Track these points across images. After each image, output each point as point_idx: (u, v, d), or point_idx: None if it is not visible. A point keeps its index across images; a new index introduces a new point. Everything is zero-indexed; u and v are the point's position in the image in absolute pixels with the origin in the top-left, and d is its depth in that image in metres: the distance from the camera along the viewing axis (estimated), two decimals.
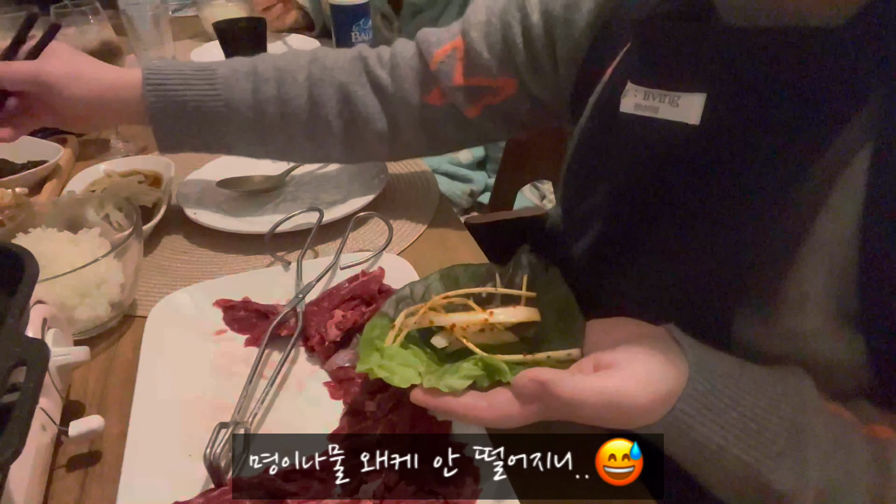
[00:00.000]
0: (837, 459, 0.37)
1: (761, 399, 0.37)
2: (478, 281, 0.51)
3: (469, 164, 1.69)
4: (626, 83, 0.50)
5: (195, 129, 0.67)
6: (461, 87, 0.65)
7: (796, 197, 0.40)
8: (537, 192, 1.45)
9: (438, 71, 0.65)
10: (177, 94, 0.65)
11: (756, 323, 0.42)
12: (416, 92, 0.67)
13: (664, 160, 0.47)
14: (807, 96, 0.40)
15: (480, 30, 0.64)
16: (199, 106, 0.65)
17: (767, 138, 0.41)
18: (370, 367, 0.42)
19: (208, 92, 0.65)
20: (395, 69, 0.67)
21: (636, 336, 0.40)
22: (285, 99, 0.67)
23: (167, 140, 0.67)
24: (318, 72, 0.68)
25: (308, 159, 0.78)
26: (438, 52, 0.65)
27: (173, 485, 0.43)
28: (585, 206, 0.57)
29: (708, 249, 0.45)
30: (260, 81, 0.66)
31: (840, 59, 0.38)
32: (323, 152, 0.72)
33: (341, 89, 0.68)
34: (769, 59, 0.40)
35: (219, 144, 0.69)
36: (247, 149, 0.71)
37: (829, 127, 0.39)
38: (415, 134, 0.70)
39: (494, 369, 0.41)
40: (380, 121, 0.69)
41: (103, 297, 0.57)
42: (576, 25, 0.59)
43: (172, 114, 0.65)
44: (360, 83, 0.68)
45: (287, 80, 0.67)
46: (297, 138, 0.69)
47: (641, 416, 0.37)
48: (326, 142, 0.70)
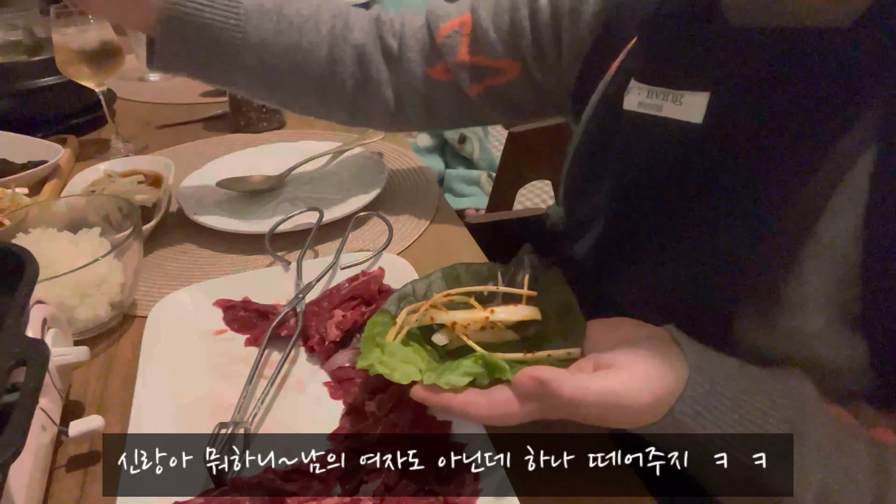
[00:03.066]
0: (838, 462, 0.37)
1: (761, 401, 0.37)
2: (479, 279, 0.51)
3: (427, 147, 1.69)
4: (630, 80, 0.50)
5: (203, 53, 0.64)
6: (465, 63, 0.65)
7: (799, 197, 0.40)
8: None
9: (444, 45, 0.65)
10: (195, 10, 0.61)
11: (757, 324, 0.42)
12: (421, 64, 0.67)
13: (667, 159, 0.47)
14: (811, 97, 0.39)
15: (489, 8, 0.64)
16: (216, 30, 0.62)
17: (771, 139, 0.41)
18: (371, 363, 0.42)
19: (230, 19, 0.63)
20: (402, 38, 0.67)
21: (636, 336, 0.40)
22: (306, 48, 0.65)
23: (167, 56, 0.64)
24: (341, 28, 0.67)
25: (308, 113, 0.75)
26: (445, 26, 0.65)
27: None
28: (587, 205, 0.57)
29: (709, 249, 0.45)
30: (283, 23, 0.64)
31: (844, 61, 0.38)
32: (326, 110, 0.71)
33: (358, 50, 0.67)
34: (773, 59, 0.40)
35: (220, 76, 0.67)
36: (249, 88, 0.69)
37: (832, 128, 0.39)
38: (416, 108, 0.70)
39: (495, 367, 0.41)
40: (388, 88, 0.69)
41: (103, 297, 0.57)
42: (582, 17, 0.59)
43: (184, 30, 0.62)
44: (375, 47, 0.68)
45: (310, 29, 0.65)
46: (305, 90, 0.68)
47: (641, 415, 0.37)
48: (334, 100, 0.69)
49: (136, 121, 1.12)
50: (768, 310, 0.42)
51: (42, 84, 0.99)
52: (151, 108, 1.19)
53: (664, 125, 0.46)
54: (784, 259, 0.40)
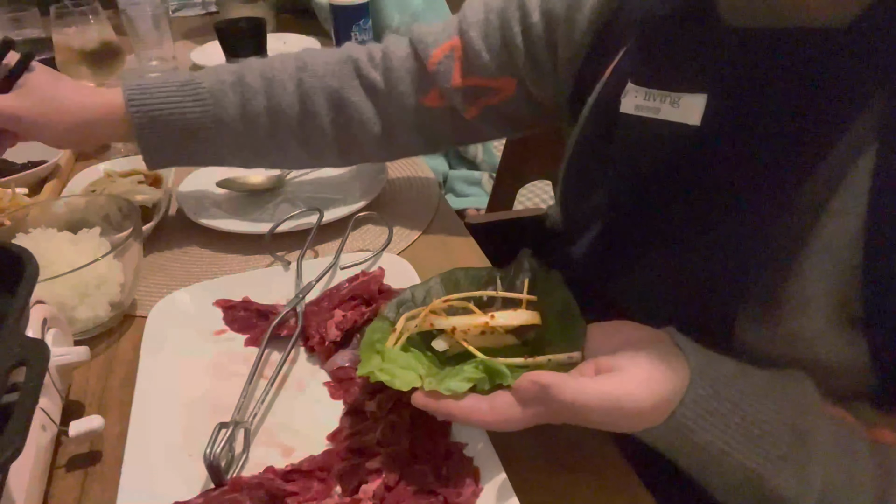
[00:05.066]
0: (840, 464, 0.37)
1: (763, 403, 0.37)
2: (478, 284, 0.51)
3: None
4: (627, 83, 0.50)
5: (184, 145, 0.65)
6: (460, 88, 0.64)
7: (799, 199, 0.40)
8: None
9: (436, 72, 0.64)
10: (162, 113, 0.62)
11: (758, 325, 0.42)
12: (413, 94, 0.66)
13: (664, 161, 0.47)
14: (809, 98, 0.39)
15: (479, 29, 0.63)
16: (187, 123, 0.63)
17: (769, 140, 0.41)
18: (371, 371, 0.42)
19: (195, 108, 0.63)
20: (388, 71, 0.66)
21: (637, 340, 0.40)
22: (276, 110, 0.65)
23: (156, 158, 0.66)
24: (308, 79, 0.65)
25: (303, 166, 0.77)
26: (436, 52, 0.64)
27: (173, 485, 0.43)
28: (585, 207, 0.57)
29: (709, 251, 0.45)
30: (248, 93, 0.64)
31: (843, 61, 0.38)
32: (318, 160, 0.71)
33: (332, 96, 0.66)
34: (771, 60, 0.40)
35: (210, 158, 0.68)
36: (239, 160, 0.69)
37: (832, 129, 0.39)
38: (410, 136, 0.69)
39: (495, 372, 0.41)
40: (375, 124, 0.67)
41: (103, 297, 0.57)
42: (577, 26, 0.58)
43: (160, 132, 0.63)
44: (353, 87, 0.66)
45: (276, 90, 0.65)
46: (290, 148, 0.68)
47: (643, 419, 0.37)
48: (321, 149, 0.69)
49: None
50: (768, 311, 0.42)
51: None
52: None
53: (662, 128, 0.46)
54: (784, 260, 0.40)
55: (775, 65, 0.40)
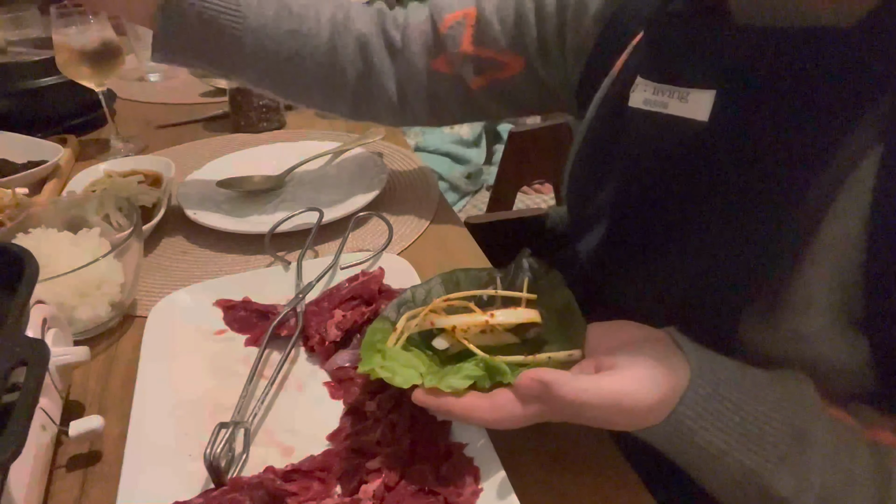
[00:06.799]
0: (839, 464, 0.37)
1: (763, 403, 0.37)
2: (479, 284, 0.51)
3: (469, 139, 1.72)
4: (636, 77, 0.50)
5: (203, 41, 0.64)
6: (468, 55, 0.66)
7: (804, 197, 0.40)
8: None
9: (447, 36, 0.66)
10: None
11: (761, 324, 0.42)
12: (424, 55, 0.68)
13: (672, 156, 0.47)
14: (816, 96, 0.39)
15: (494, 1, 0.64)
16: (216, 18, 0.62)
17: (776, 138, 0.41)
18: (372, 368, 0.42)
19: (229, 5, 0.63)
20: (406, 30, 0.68)
21: (637, 339, 0.40)
22: (306, 35, 0.66)
23: (168, 44, 0.64)
24: (342, 17, 0.67)
25: (311, 104, 0.75)
26: (449, 16, 0.66)
27: (173, 485, 0.43)
28: (591, 204, 0.57)
29: (714, 249, 0.45)
30: (284, 10, 0.65)
31: (850, 60, 0.38)
32: (330, 102, 0.72)
33: (360, 39, 0.68)
34: (779, 58, 0.40)
35: (223, 65, 0.67)
36: (251, 78, 0.69)
37: (837, 128, 0.39)
38: (419, 100, 0.70)
39: (496, 370, 0.41)
40: (390, 80, 0.69)
41: (103, 297, 0.57)
42: (587, 12, 0.59)
43: (183, 18, 0.62)
44: (378, 42, 0.68)
45: (310, 16, 0.66)
46: (307, 80, 0.68)
47: (643, 417, 0.37)
48: (337, 90, 0.70)
49: (136, 121, 1.12)
50: (771, 310, 0.41)
51: (42, 84, 0.99)
52: (151, 108, 1.19)
53: (670, 123, 0.46)
54: (788, 259, 0.40)
55: (783, 63, 0.40)
